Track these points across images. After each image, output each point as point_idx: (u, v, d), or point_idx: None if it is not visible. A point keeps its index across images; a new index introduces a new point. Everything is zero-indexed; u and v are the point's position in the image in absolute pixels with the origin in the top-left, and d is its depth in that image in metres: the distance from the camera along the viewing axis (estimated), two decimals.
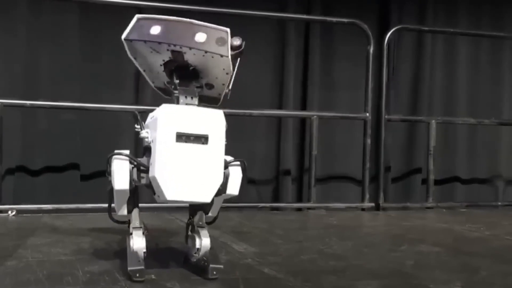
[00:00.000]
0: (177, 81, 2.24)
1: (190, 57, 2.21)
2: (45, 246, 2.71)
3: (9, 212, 3.77)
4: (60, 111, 4.24)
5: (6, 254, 2.49)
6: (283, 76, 4.98)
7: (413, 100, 5.36)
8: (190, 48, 2.17)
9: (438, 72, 5.46)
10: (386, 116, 4.75)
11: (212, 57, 2.20)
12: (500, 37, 5.47)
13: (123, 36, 2.19)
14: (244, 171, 2.24)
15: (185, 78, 2.25)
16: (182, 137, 2.07)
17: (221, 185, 2.16)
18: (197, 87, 2.26)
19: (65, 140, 4.37)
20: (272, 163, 5.01)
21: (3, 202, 3.90)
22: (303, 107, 5.07)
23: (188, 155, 2.08)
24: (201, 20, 2.33)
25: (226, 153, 2.26)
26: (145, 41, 2.18)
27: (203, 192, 2.11)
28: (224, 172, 2.17)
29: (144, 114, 2.43)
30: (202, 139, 2.10)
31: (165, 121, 2.07)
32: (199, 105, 2.22)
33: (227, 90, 2.34)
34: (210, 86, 2.33)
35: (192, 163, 2.08)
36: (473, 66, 5.57)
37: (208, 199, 2.13)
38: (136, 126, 2.24)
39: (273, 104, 4.95)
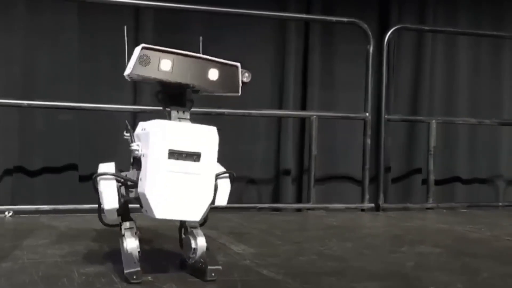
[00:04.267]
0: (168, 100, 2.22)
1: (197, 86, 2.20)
2: (42, 247, 2.69)
3: (6, 213, 3.74)
4: (58, 111, 4.22)
5: (1, 255, 2.46)
6: (283, 76, 4.97)
7: (413, 100, 5.35)
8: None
9: (438, 71, 5.44)
10: (386, 116, 4.73)
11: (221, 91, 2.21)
12: (500, 36, 5.45)
13: (132, 70, 2.09)
14: (232, 182, 2.21)
15: (178, 98, 2.22)
16: (174, 154, 2.05)
17: None
18: (189, 100, 2.25)
19: (63, 140, 4.35)
20: (271, 163, 4.99)
21: (0, 202, 3.89)
22: (303, 107, 5.05)
23: (180, 173, 2.05)
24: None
25: (226, 154, 2.24)
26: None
27: (193, 210, 2.08)
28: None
29: (143, 115, 2.41)
30: (194, 156, 2.07)
31: (158, 138, 2.05)
32: (191, 119, 2.21)
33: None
34: (196, 91, 2.32)
35: (183, 181, 2.05)
36: (474, 66, 5.55)
37: (197, 218, 2.11)
38: (125, 133, 2.21)
39: (273, 104, 4.93)
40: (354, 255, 2.80)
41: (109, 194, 2.10)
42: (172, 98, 2.22)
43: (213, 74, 2.16)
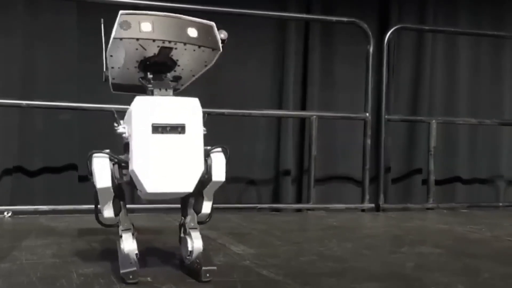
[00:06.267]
0: (151, 76, 2.21)
1: (179, 52, 2.18)
2: (40, 248, 2.68)
3: (5, 213, 3.73)
4: (57, 111, 4.21)
5: (0, 256, 2.45)
6: (283, 76, 4.96)
7: (413, 100, 5.34)
8: (185, 44, 2.14)
9: (438, 71, 5.44)
10: (386, 116, 4.73)
11: (203, 51, 2.20)
12: (500, 36, 5.44)
13: (115, 35, 2.11)
14: (226, 156, 2.19)
15: (160, 72, 2.22)
16: (158, 128, 2.04)
17: (206, 174, 2.12)
18: (171, 80, 2.25)
19: (63, 140, 4.34)
20: (271, 163, 4.99)
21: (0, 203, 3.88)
22: (303, 107, 5.04)
23: (166, 146, 2.04)
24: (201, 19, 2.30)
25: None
26: (137, 39, 2.13)
27: (184, 182, 2.06)
28: (207, 160, 2.13)
29: None
30: (178, 128, 2.06)
31: (140, 114, 2.04)
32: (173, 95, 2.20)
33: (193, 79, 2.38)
34: (177, 78, 2.31)
35: (171, 153, 2.04)
36: (474, 66, 5.55)
37: (189, 189, 2.08)
38: (115, 124, 2.20)
39: (272, 104, 4.92)
40: (354, 256, 2.79)
41: (101, 172, 2.09)
42: (154, 73, 2.21)
43: (192, 32, 2.16)
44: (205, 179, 2.13)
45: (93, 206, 3.69)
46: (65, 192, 4.31)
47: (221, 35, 2.22)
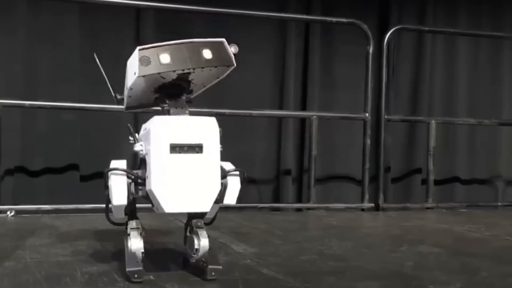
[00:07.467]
0: (167, 98, 2.24)
1: (196, 74, 2.22)
2: (44, 247, 2.71)
3: (8, 212, 3.76)
4: (59, 111, 4.23)
5: (4, 255, 2.48)
6: (283, 76, 4.98)
7: (413, 100, 5.36)
8: (202, 68, 2.18)
9: (438, 72, 5.45)
10: (386, 116, 4.75)
11: (218, 69, 2.23)
12: (500, 37, 5.47)
13: (138, 73, 2.12)
14: (243, 181, 2.22)
15: (175, 96, 2.25)
16: (176, 148, 2.07)
17: (219, 195, 2.15)
18: (186, 101, 2.28)
19: (65, 140, 4.36)
20: (272, 163, 5.01)
21: (2, 202, 3.91)
22: (303, 107, 5.06)
23: (184, 166, 2.07)
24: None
25: (226, 154, 2.25)
26: (158, 73, 2.16)
27: (201, 201, 2.09)
28: (222, 182, 2.16)
29: (145, 115, 2.44)
30: (196, 148, 2.09)
31: (158, 133, 2.07)
32: (190, 114, 2.23)
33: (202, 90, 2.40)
34: (189, 101, 2.35)
35: (188, 173, 2.07)
36: (473, 66, 5.56)
37: (207, 208, 2.12)
38: (130, 138, 2.23)
39: (273, 104, 4.94)
40: (354, 255, 2.81)
41: (119, 190, 2.12)
42: (170, 97, 2.24)
43: (207, 53, 2.20)
44: (217, 199, 2.15)
45: (95, 205, 3.76)
46: (67, 191, 4.33)
47: (231, 48, 2.25)
